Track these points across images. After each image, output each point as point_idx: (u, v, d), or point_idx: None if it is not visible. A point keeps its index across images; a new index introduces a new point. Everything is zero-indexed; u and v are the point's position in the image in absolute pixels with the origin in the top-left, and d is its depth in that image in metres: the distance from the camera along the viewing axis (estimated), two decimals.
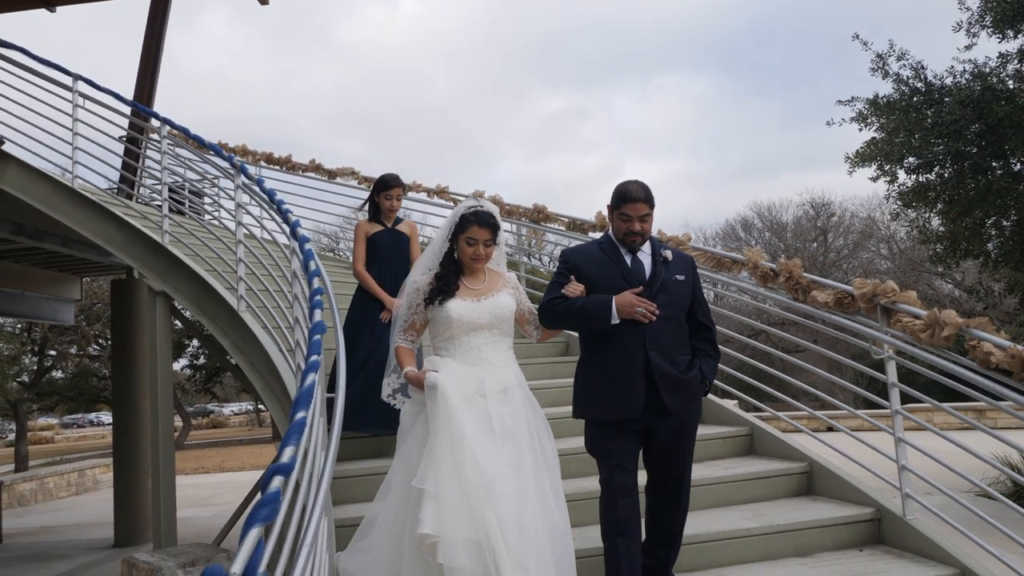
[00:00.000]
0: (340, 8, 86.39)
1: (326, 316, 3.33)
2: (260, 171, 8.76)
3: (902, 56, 9.70)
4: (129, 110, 7.74)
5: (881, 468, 3.96)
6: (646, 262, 3.18)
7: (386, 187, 4.85)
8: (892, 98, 9.73)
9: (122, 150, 8.20)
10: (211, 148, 6.40)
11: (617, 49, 79.24)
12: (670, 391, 3.05)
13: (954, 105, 9.09)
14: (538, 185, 63.45)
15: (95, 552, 9.66)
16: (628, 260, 3.17)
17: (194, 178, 8.15)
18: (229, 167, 5.87)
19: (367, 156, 67.93)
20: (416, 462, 2.84)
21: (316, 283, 3.67)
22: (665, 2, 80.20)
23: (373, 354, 4.39)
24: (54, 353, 26.45)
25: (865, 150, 10.01)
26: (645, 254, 3.20)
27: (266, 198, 5.21)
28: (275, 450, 2.16)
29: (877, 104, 9.81)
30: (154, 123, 7.33)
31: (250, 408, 45.47)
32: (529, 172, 70.36)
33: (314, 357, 2.67)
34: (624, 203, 3.14)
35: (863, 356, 5.20)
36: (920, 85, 9.59)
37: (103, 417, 47.68)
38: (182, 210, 7.22)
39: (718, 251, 5.07)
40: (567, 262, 3.26)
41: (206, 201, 8.83)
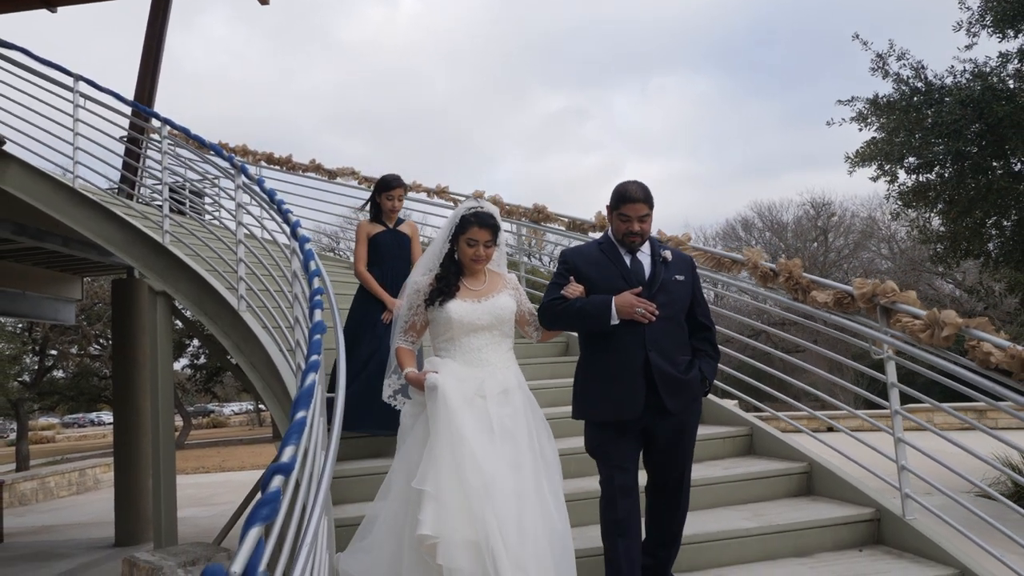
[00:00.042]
0: (340, 8, 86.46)
1: (326, 316, 3.33)
2: (260, 171, 8.77)
3: (902, 56, 9.71)
4: (130, 110, 7.74)
5: (881, 468, 3.96)
6: (645, 262, 3.18)
7: (388, 187, 4.85)
8: (892, 98, 9.73)
9: (123, 150, 8.22)
10: (211, 148, 6.40)
11: (617, 49, 79.27)
12: (670, 391, 3.05)
13: (954, 105, 9.10)
14: (538, 185, 63.52)
15: (96, 551, 9.67)
16: (627, 260, 3.17)
17: (194, 178, 8.18)
18: (229, 167, 5.88)
19: (367, 156, 68.03)
20: (416, 463, 2.84)
21: (316, 283, 3.67)
22: (665, 2, 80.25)
23: (374, 355, 4.39)
24: (55, 353, 26.49)
25: (865, 150, 10.02)
26: (644, 254, 3.20)
27: (266, 198, 5.22)
28: (275, 450, 2.16)
29: (877, 104, 9.81)
30: (155, 123, 7.33)
31: (250, 408, 45.48)
32: (529, 172, 70.44)
33: (314, 357, 2.68)
34: (623, 203, 3.14)
35: (863, 356, 5.20)
36: (920, 85, 9.59)
37: (104, 417, 47.71)
38: (183, 210, 7.24)
39: (718, 251, 5.07)
40: (566, 263, 3.25)
41: (207, 201, 8.84)
